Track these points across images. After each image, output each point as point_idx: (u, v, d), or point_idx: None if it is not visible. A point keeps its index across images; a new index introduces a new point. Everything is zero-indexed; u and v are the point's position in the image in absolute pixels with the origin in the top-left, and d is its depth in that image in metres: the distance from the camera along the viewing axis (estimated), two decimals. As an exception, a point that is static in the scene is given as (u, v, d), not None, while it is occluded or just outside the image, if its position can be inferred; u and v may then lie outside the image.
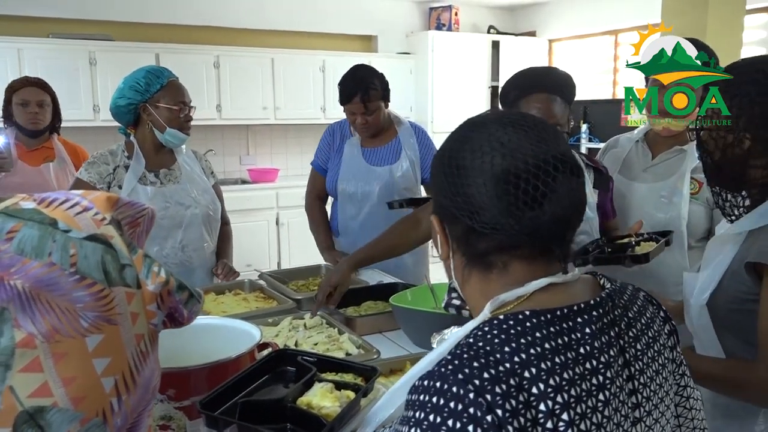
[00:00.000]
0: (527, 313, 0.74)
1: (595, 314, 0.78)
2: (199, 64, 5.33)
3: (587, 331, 0.75)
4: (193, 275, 2.26)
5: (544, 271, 0.80)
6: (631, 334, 0.81)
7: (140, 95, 2.14)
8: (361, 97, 2.46)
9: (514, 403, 0.66)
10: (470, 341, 0.73)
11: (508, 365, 0.69)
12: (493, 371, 0.68)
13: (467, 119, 0.87)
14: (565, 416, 0.68)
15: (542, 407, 0.68)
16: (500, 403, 0.66)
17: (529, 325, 0.73)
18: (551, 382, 0.69)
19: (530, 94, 1.75)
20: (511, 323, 0.73)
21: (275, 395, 1.15)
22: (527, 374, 0.69)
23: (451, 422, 0.66)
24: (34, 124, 2.99)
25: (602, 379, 0.73)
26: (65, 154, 3.11)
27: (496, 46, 6.72)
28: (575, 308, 0.77)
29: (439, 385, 0.68)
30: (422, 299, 1.89)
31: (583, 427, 0.69)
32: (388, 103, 2.59)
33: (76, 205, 0.64)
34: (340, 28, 6.29)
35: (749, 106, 1.25)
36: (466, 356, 0.70)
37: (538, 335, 0.72)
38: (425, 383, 0.70)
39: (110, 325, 0.61)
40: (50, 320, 0.58)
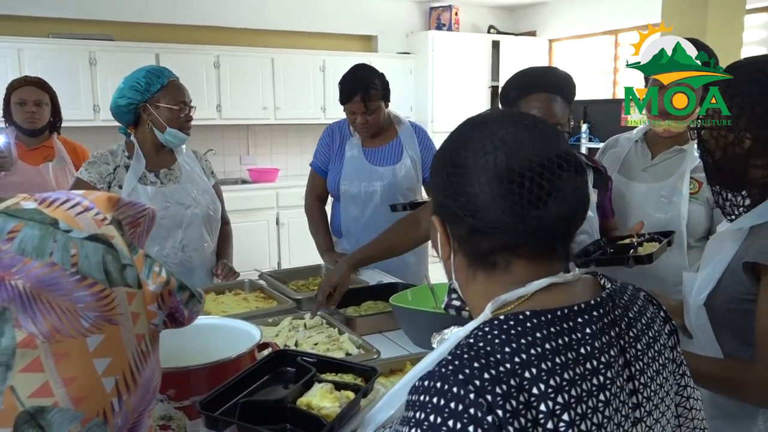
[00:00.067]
0: (528, 313, 0.74)
1: (595, 314, 0.78)
2: (199, 64, 5.33)
3: (588, 331, 0.75)
4: (193, 275, 2.26)
5: (545, 270, 0.79)
6: (631, 334, 0.81)
7: (140, 95, 2.14)
8: (361, 96, 2.45)
9: (514, 403, 0.66)
10: (471, 341, 0.73)
11: (508, 365, 0.69)
12: (493, 371, 0.68)
13: (468, 118, 0.87)
14: (565, 417, 0.68)
15: (543, 408, 0.67)
16: (501, 403, 0.66)
17: (529, 325, 0.73)
18: (552, 382, 0.69)
19: (530, 93, 1.75)
20: (511, 323, 0.73)
21: (275, 396, 1.15)
22: (528, 375, 0.68)
23: (451, 423, 0.65)
24: (31, 123, 2.99)
25: (603, 379, 0.73)
26: (65, 153, 3.11)
27: (496, 46, 6.72)
28: (576, 308, 0.77)
29: (439, 385, 0.68)
30: (422, 299, 1.89)
31: (583, 427, 0.69)
32: (388, 102, 2.59)
33: (77, 205, 0.64)
34: (340, 28, 6.29)
35: (750, 105, 1.25)
36: (466, 356, 0.70)
37: (538, 335, 0.72)
38: (425, 383, 0.69)
39: (111, 325, 0.61)
40: (51, 320, 0.58)
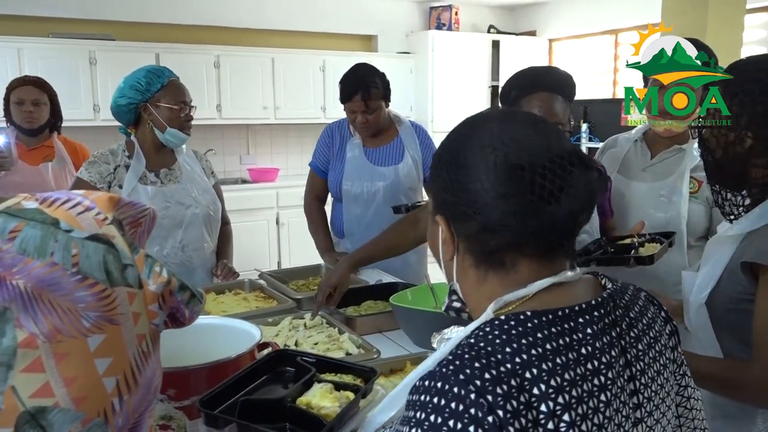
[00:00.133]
0: (529, 313, 0.74)
1: (596, 314, 0.77)
2: (199, 63, 5.33)
3: (589, 331, 0.75)
4: (193, 275, 2.26)
5: (549, 269, 0.79)
6: (632, 334, 0.81)
7: (141, 95, 2.14)
8: (362, 95, 2.44)
9: (515, 403, 0.66)
10: (471, 341, 0.73)
11: (509, 366, 0.68)
12: (494, 372, 0.68)
13: (468, 117, 0.87)
14: (566, 417, 0.68)
15: (543, 408, 0.67)
16: (501, 403, 0.66)
17: (530, 325, 0.73)
18: (552, 382, 0.68)
19: (531, 93, 1.74)
20: (512, 324, 0.73)
21: (274, 395, 1.15)
22: (528, 375, 0.68)
23: (452, 423, 0.65)
24: (29, 122, 3.00)
25: (603, 379, 0.73)
26: (65, 153, 3.11)
27: (496, 45, 6.72)
28: (577, 308, 0.76)
29: (440, 385, 0.68)
30: (422, 299, 1.89)
31: (584, 428, 0.69)
32: (388, 102, 2.58)
33: (78, 204, 0.64)
34: (340, 27, 6.29)
35: (751, 104, 1.25)
36: (467, 357, 0.70)
37: (539, 336, 0.72)
38: (426, 383, 0.69)
39: (112, 325, 0.61)
40: (52, 320, 0.58)
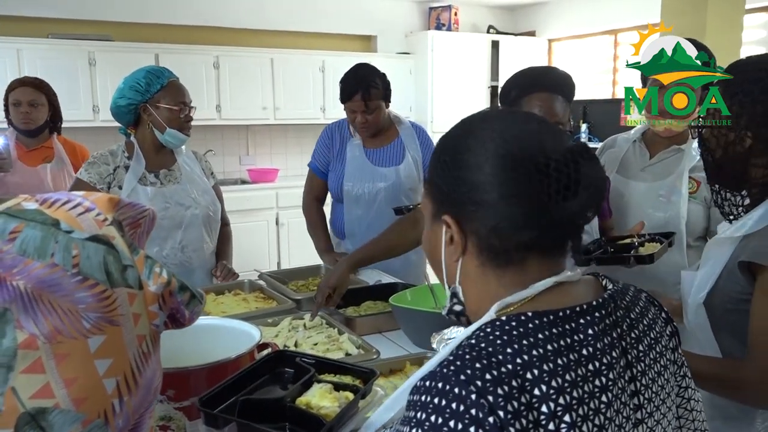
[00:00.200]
0: (530, 314, 0.74)
1: (597, 315, 0.77)
2: (198, 64, 5.33)
3: (590, 332, 0.75)
4: (192, 276, 2.26)
5: (553, 268, 0.79)
6: (633, 335, 0.81)
7: (140, 95, 2.14)
8: (362, 95, 2.44)
9: (516, 404, 0.66)
10: (472, 342, 0.72)
11: (510, 366, 0.68)
12: (495, 372, 0.67)
13: (471, 116, 0.86)
14: (567, 418, 0.68)
15: (544, 409, 0.67)
16: (502, 404, 0.65)
17: (531, 326, 0.72)
18: (553, 383, 0.68)
19: (532, 93, 1.74)
20: (513, 324, 0.73)
21: (273, 395, 1.15)
22: (529, 376, 0.68)
23: (452, 423, 0.65)
24: (25, 123, 3.01)
25: (605, 380, 0.73)
26: (64, 154, 3.11)
27: (495, 45, 6.72)
28: (578, 309, 0.76)
29: (441, 385, 0.68)
30: (422, 299, 1.89)
31: (585, 429, 0.69)
32: (389, 103, 2.58)
33: (78, 205, 0.64)
34: (339, 28, 6.28)
35: (751, 104, 1.25)
36: (468, 357, 0.69)
37: (540, 337, 0.71)
38: (427, 384, 0.69)
39: (112, 326, 0.61)
40: (52, 321, 0.58)
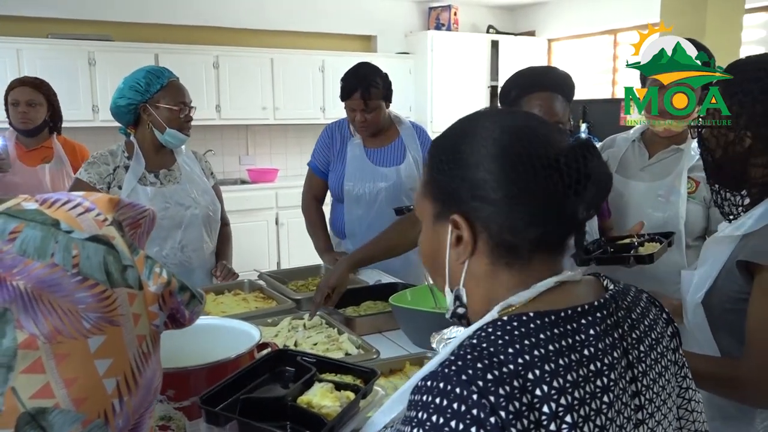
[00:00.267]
0: (531, 314, 0.74)
1: (599, 316, 0.77)
2: (198, 64, 5.33)
3: (591, 332, 0.75)
4: (192, 276, 2.26)
5: (555, 267, 0.80)
6: (634, 335, 0.81)
7: (140, 95, 2.14)
8: (361, 93, 2.44)
9: (517, 404, 0.66)
10: (474, 342, 0.72)
11: (511, 366, 0.68)
12: (497, 372, 0.67)
13: (471, 114, 0.86)
14: (568, 418, 0.68)
15: (546, 409, 0.67)
16: (504, 404, 0.65)
17: (533, 326, 0.72)
18: (555, 384, 0.68)
19: (532, 92, 1.74)
20: (515, 324, 0.73)
21: (274, 394, 1.15)
22: (531, 376, 0.68)
23: (454, 423, 0.65)
24: (23, 123, 3.01)
25: (606, 381, 0.73)
26: (63, 154, 3.11)
27: (495, 45, 6.72)
28: (579, 310, 0.76)
29: (442, 385, 0.68)
30: (422, 299, 1.89)
31: (586, 429, 0.69)
32: (389, 103, 2.57)
33: (78, 206, 0.64)
34: (339, 28, 6.29)
35: (751, 104, 1.25)
36: (469, 357, 0.69)
37: (542, 337, 0.71)
38: (428, 384, 0.69)
39: (112, 326, 0.61)
40: (52, 321, 0.58)
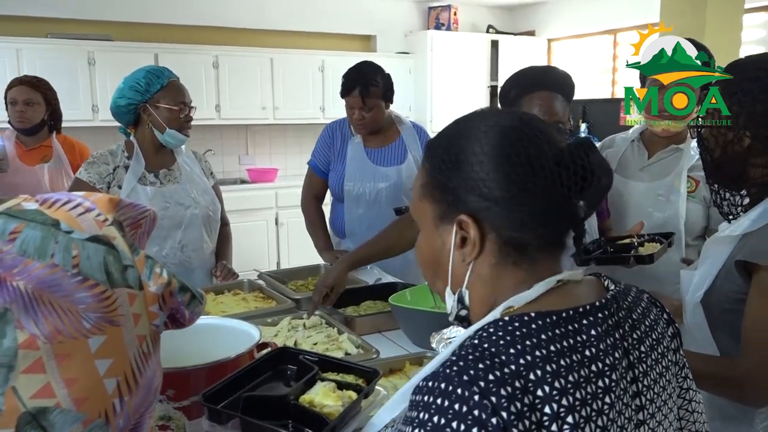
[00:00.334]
0: (533, 314, 0.74)
1: (600, 316, 0.77)
2: (198, 64, 5.32)
3: (593, 333, 0.75)
4: (192, 276, 2.26)
5: (555, 266, 0.80)
6: (635, 335, 0.81)
7: (140, 95, 2.13)
8: (360, 91, 2.44)
9: (519, 405, 0.66)
10: (475, 342, 0.72)
11: (513, 367, 0.68)
12: (498, 373, 0.67)
13: (470, 114, 0.86)
14: (570, 419, 0.67)
15: (547, 410, 0.67)
16: (505, 405, 0.65)
17: (534, 327, 0.72)
18: (556, 384, 0.68)
19: (532, 92, 1.74)
20: (516, 325, 0.73)
21: (276, 392, 1.15)
22: (532, 376, 0.68)
23: (455, 424, 0.65)
24: (21, 122, 3.02)
25: (608, 381, 0.73)
26: (62, 153, 3.10)
27: (495, 45, 6.72)
28: (581, 310, 0.76)
29: (443, 386, 0.67)
30: (421, 299, 1.89)
31: (587, 430, 0.69)
32: (389, 103, 2.57)
33: (78, 206, 0.64)
34: (339, 27, 6.28)
35: (750, 103, 1.25)
36: (471, 357, 0.69)
37: (543, 337, 0.71)
38: (429, 384, 0.69)
39: (112, 326, 0.61)
40: (53, 321, 0.58)
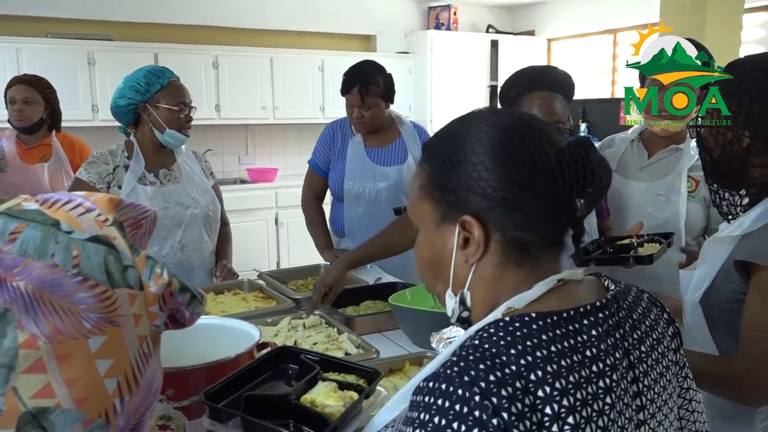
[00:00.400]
0: (534, 315, 0.74)
1: (601, 316, 0.77)
2: (197, 63, 5.32)
3: (594, 333, 0.75)
4: (192, 275, 2.26)
5: (556, 266, 0.80)
6: (635, 335, 0.81)
7: (140, 95, 2.13)
8: (359, 89, 2.45)
9: (520, 406, 0.66)
10: (476, 343, 0.72)
11: (514, 368, 0.68)
12: (499, 374, 0.67)
13: (468, 114, 0.86)
14: (570, 420, 0.67)
15: (548, 410, 0.67)
16: (506, 406, 0.65)
17: (535, 327, 0.72)
18: (557, 385, 0.68)
19: (531, 91, 1.74)
20: (517, 325, 0.73)
21: (277, 392, 1.15)
22: (533, 377, 0.68)
23: (456, 425, 0.65)
24: (19, 121, 3.03)
25: (608, 381, 0.73)
26: (62, 152, 3.11)
27: (495, 45, 6.72)
28: (581, 310, 0.76)
29: (444, 387, 0.67)
30: (421, 298, 1.88)
31: (588, 430, 0.69)
32: (389, 103, 2.58)
33: (78, 206, 0.64)
34: (339, 27, 6.28)
35: (749, 103, 1.25)
36: (471, 358, 0.69)
37: (544, 338, 0.71)
38: (430, 385, 0.69)
39: (113, 326, 0.61)
40: (53, 321, 0.58)
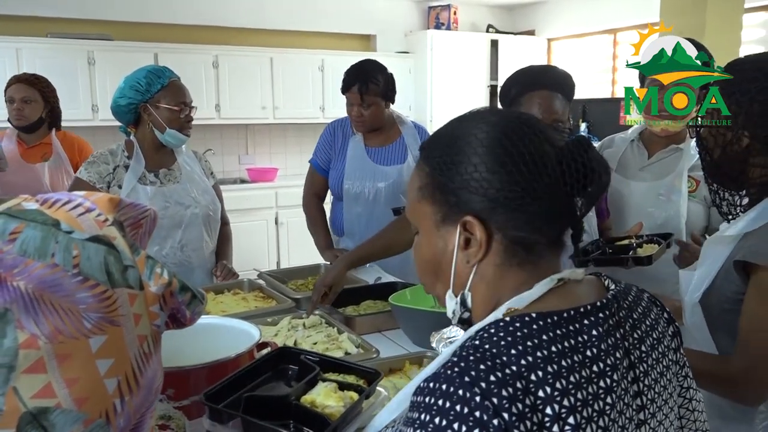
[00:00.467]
0: (534, 315, 0.74)
1: (601, 316, 0.77)
2: (197, 63, 5.32)
3: (594, 333, 0.75)
4: (192, 275, 2.26)
5: (556, 266, 0.80)
6: (635, 335, 0.81)
7: (141, 95, 2.13)
8: (359, 87, 2.45)
9: (520, 406, 0.66)
10: (476, 343, 0.72)
11: (514, 368, 0.68)
12: (499, 374, 0.67)
13: (467, 114, 0.86)
14: (571, 420, 0.67)
15: (549, 411, 0.67)
16: (507, 406, 0.65)
17: (535, 327, 0.72)
18: (558, 385, 0.68)
19: (532, 90, 1.74)
20: (517, 325, 0.73)
21: (277, 392, 1.15)
22: (534, 377, 0.68)
23: (456, 425, 0.65)
24: (18, 120, 3.03)
25: (609, 381, 0.73)
26: (62, 151, 3.11)
27: (495, 45, 6.72)
28: (582, 310, 0.76)
29: (444, 387, 0.67)
30: (421, 298, 1.88)
31: (588, 430, 0.69)
32: (390, 102, 2.58)
33: (78, 206, 0.64)
34: (339, 27, 6.28)
35: (748, 103, 1.25)
36: (472, 358, 0.69)
37: (544, 338, 0.71)
38: (431, 385, 0.69)
39: (113, 326, 0.61)
40: (53, 321, 0.58)
